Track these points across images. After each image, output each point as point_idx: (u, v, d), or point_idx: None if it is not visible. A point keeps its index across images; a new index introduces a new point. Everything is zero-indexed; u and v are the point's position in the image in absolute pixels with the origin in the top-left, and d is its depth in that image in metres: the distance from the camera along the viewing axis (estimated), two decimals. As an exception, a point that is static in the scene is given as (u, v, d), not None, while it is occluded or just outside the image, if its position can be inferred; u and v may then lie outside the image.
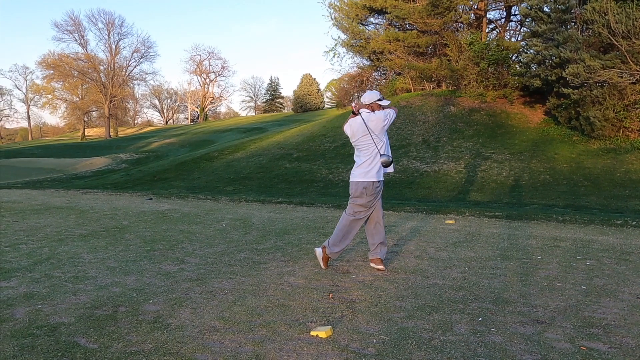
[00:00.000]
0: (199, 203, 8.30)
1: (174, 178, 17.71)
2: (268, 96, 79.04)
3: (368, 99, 4.00)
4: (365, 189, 3.85)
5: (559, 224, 5.93)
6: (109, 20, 57.81)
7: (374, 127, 3.85)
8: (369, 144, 3.86)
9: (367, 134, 3.85)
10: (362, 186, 3.86)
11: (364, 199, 3.87)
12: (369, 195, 3.86)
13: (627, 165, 12.24)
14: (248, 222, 6.31)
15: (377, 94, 4.01)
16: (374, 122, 3.85)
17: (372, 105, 3.95)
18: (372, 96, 4.00)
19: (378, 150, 3.85)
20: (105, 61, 60.21)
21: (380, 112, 3.90)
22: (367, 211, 3.92)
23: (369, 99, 4.00)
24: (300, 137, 21.11)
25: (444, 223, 6.08)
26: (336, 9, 25.57)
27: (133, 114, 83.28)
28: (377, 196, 3.94)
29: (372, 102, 3.96)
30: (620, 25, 12.34)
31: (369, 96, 4.02)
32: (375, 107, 3.95)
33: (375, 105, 3.96)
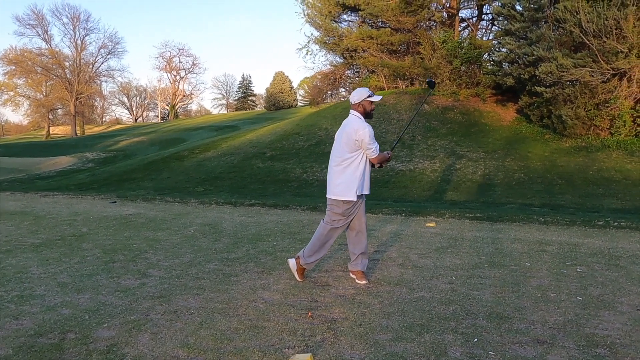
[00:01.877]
0: (166, 206, 7.84)
1: (142, 178, 17.04)
2: (240, 94, 78.01)
3: (357, 97, 3.65)
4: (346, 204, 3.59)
5: (541, 226, 5.77)
6: (74, 15, 55.77)
7: (346, 137, 3.56)
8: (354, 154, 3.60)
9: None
10: (346, 206, 3.58)
11: (343, 209, 3.60)
12: (349, 207, 3.60)
13: (599, 163, 12.35)
14: (218, 227, 5.92)
15: (367, 90, 3.65)
16: (347, 133, 3.55)
17: (363, 104, 3.62)
18: (361, 93, 3.64)
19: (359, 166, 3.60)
20: (70, 57, 58.08)
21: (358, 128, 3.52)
22: (346, 219, 3.62)
23: (358, 97, 3.64)
24: (274, 135, 20.69)
25: (424, 226, 5.84)
26: (309, 6, 25.21)
27: (101, 112, 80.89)
28: (359, 205, 3.66)
29: (362, 100, 3.61)
30: (591, 24, 12.43)
31: (357, 94, 3.65)
32: (366, 105, 3.62)
33: (366, 103, 3.62)
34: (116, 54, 71.26)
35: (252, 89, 78.24)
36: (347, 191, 3.57)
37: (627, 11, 12.12)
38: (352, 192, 3.55)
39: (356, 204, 3.61)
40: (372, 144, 3.52)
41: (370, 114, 3.66)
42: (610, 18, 12.11)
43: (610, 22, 12.17)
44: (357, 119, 3.60)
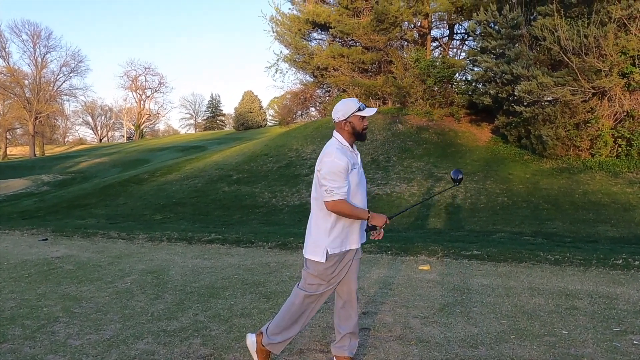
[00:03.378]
0: (107, 244, 6.58)
1: (95, 204, 15.53)
2: (209, 113, 76.49)
3: (342, 112, 2.63)
4: (320, 265, 2.60)
5: (554, 268, 4.86)
6: (34, 32, 53.44)
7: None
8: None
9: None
10: (321, 268, 2.58)
11: (318, 271, 2.59)
12: (327, 268, 2.59)
13: (584, 186, 11.76)
14: (164, 276, 4.75)
15: (355, 102, 2.64)
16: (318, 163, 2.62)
17: (351, 122, 2.62)
18: (348, 107, 2.63)
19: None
20: (30, 75, 55.58)
21: (324, 154, 2.59)
22: (327, 285, 2.59)
23: (343, 112, 2.63)
24: (241, 156, 19.53)
25: (417, 270, 4.83)
26: (278, 23, 24.45)
27: (63, 132, 77.73)
28: (346, 265, 2.64)
29: (349, 116, 2.61)
30: (570, 42, 11.99)
31: (342, 109, 2.64)
32: (355, 122, 2.63)
33: (355, 120, 2.63)
34: (79, 73, 68.62)
35: (221, 108, 76.94)
36: (314, 248, 2.59)
37: (606, 29, 11.74)
38: (320, 250, 2.56)
39: (339, 264, 2.58)
40: (331, 181, 2.49)
41: (362, 134, 2.66)
42: (590, 36, 11.69)
43: (591, 40, 11.74)
44: (334, 143, 2.62)
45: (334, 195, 2.49)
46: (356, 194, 2.59)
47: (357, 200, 2.61)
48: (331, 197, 2.48)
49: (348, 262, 2.63)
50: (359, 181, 2.60)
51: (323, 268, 2.56)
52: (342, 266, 2.60)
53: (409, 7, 19.70)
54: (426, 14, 20.32)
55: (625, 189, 11.26)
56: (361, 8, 21.72)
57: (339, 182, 2.49)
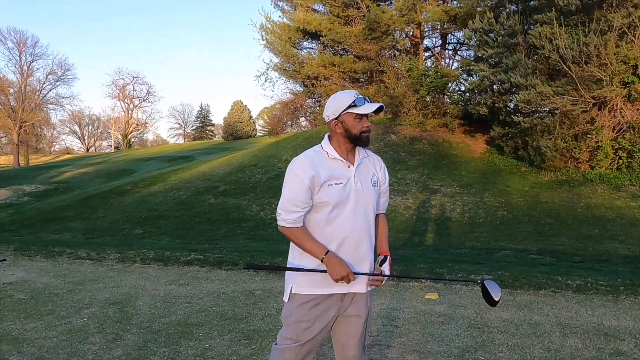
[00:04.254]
0: (71, 267, 5.86)
1: (73, 217, 14.72)
2: (198, 123, 75.66)
3: (332, 108, 2.02)
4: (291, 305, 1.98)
5: (580, 297, 4.27)
6: (20, 40, 52.44)
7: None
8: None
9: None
10: (298, 305, 1.95)
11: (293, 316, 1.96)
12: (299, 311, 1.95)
13: (586, 199, 11.27)
14: (129, 308, 4.06)
15: (349, 95, 2.02)
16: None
17: (343, 120, 1.98)
18: (340, 102, 2.00)
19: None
20: (15, 83, 54.53)
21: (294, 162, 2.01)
22: (297, 340, 1.92)
23: (333, 108, 2.02)
24: (229, 167, 18.85)
25: (424, 300, 4.20)
26: (268, 31, 23.95)
27: (49, 141, 76.34)
28: (332, 313, 1.98)
29: (341, 113, 1.99)
30: (570, 50, 11.58)
31: (333, 104, 2.03)
32: (348, 121, 1.99)
33: (347, 118, 1.99)
34: (66, 81, 67.27)
35: (211, 118, 76.18)
36: (286, 283, 2.03)
37: (606, 37, 11.36)
38: (287, 285, 2.01)
39: (311, 313, 1.92)
40: (282, 200, 1.98)
41: (360, 138, 2.02)
42: (590, 44, 11.29)
43: (591, 49, 11.34)
44: (313, 148, 2.07)
45: (280, 219, 1.97)
46: (334, 219, 1.93)
47: (334, 229, 1.92)
48: (285, 221, 1.95)
49: (330, 315, 1.94)
50: (341, 201, 1.93)
51: (287, 311, 1.96)
52: (315, 317, 1.91)
53: (402, 15, 19.31)
54: (419, 22, 19.96)
55: (630, 202, 10.79)
56: (353, 16, 21.30)
57: (290, 202, 1.93)
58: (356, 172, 2.00)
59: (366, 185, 2.02)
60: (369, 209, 2.02)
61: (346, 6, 21.24)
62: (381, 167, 2.15)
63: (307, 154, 2.01)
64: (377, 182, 2.08)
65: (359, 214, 1.97)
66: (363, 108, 1.97)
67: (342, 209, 1.94)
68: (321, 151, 2.02)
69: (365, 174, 2.04)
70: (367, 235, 2.00)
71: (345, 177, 1.98)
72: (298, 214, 1.92)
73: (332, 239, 1.94)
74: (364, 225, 1.98)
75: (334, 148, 2.01)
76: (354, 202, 1.96)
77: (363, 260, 1.97)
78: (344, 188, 1.95)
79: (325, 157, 1.99)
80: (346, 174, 1.98)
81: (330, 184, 1.93)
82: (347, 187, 1.96)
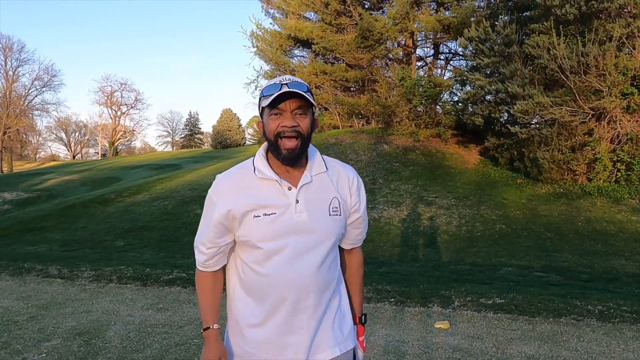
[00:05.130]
0: (39, 286, 5.30)
1: (52, 228, 14.05)
2: (187, 131, 74.91)
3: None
4: None
5: (605, 326, 3.85)
6: (6, 45, 51.64)
7: None
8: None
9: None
10: None
11: None
12: None
13: (585, 213, 10.95)
14: (97, 340, 3.53)
15: (270, 83, 1.46)
16: None
17: (263, 120, 1.49)
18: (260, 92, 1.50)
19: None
20: (0, 88, 53.57)
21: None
22: None
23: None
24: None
25: (435, 330, 3.74)
26: (258, 39, 23.58)
27: (35, 148, 74.97)
28: None
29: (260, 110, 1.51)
30: (568, 60, 11.32)
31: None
32: (265, 121, 1.47)
33: (265, 115, 1.47)
34: (52, 87, 66.19)
35: (200, 126, 75.56)
36: None
37: (605, 47, 11.13)
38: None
39: None
40: (197, 236, 1.57)
41: (276, 145, 1.43)
42: (589, 55, 11.04)
43: (590, 60, 11.09)
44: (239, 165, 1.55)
45: (197, 262, 1.57)
46: (265, 268, 1.40)
47: (266, 283, 1.40)
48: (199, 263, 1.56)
49: None
50: (272, 240, 1.39)
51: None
52: None
53: (395, 24, 19.06)
54: (412, 32, 19.72)
55: (631, 217, 10.48)
56: (345, 25, 21.03)
57: (198, 238, 1.52)
58: (300, 196, 1.41)
59: (318, 215, 1.42)
60: (322, 249, 1.42)
61: (338, 14, 20.98)
62: (351, 185, 1.52)
63: (231, 172, 1.49)
64: (339, 208, 1.46)
65: (303, 258, 1.39)
66: (269, 98, 1.38)
67: (276, 251, 1.39)
68: (250, 167, 1.47)
69: (318, 198, 1.44)
70: (318, 290, 1.41)
71: (281, 204, 1.40)
72: (204, 257, 1.49)
73: (262, 298, 1.41)
74: (311, 276, 1.40)
75: (267, 162, 1.45)
76: (294, 241, 1.39)
77: (306, 329, 1.41)
78: (276, 221, 1.38)
79: (253, 177, 1.44)
80: (282, 200, 1.41)
81: (256, 215, 1.39)
82: (283, 219, 1.39)
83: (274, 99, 1.36)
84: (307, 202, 1.42)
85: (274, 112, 1.39)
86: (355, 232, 1.62)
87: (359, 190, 1.57)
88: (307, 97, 1.37)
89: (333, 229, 1.45)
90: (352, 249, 1.66)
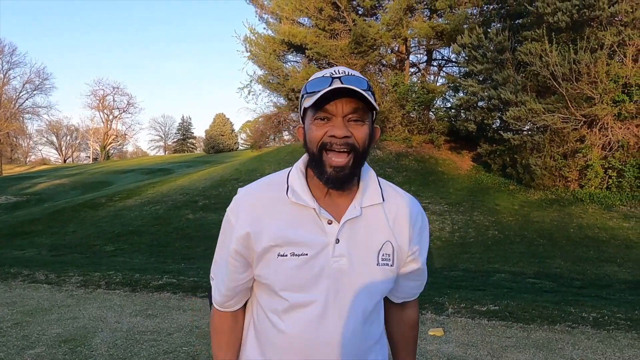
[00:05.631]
0: (25, 292, 5.19)
1: (41, 232, 13.85)
2: (179, 136, 74.62)
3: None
4: None
5: (599, 333, 3.82)
6: (-3, 47, 51.18)
7: None
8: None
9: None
10: None
11: None
12: None
13: (577, 219, 10.98)
14: (83, 348, 3.44)
15: (315, 77, 1.07)
16: None
17: (304, 126, 1.11)
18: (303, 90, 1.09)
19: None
20: (-10, 91, 53.12)
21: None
22: None
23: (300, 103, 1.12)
24: (209, 180, 18.21)
25: (429, 337, 3.69)
26: (252, 43, 23.56)
27: (25, 151, 74.29)
28: None
29: (302, 111, 1.11)
30: (560, 67, 11.39)
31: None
32: (307, 127, 1.09)
33: (307, 120, 1.08)
34: (43, 90, 65.74)
35: (192, 131, 75.28)
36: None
37: (596, 55, 11.22)
38: None
39: None
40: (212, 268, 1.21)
41: (320, 161, 1.06)
42: (581, 62, 11.12)
43: (582, 67, 11.17)
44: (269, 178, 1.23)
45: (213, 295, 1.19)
46: (287, 321, 1.07)
47: (285, 341, 1.07)
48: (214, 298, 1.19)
49: None
50: (299, 290, 1.06)
51: None
52: None
53: (388, 30, 19.13)
54: (405, 38, 19.80)
55: (622, 223, 10.53)
56: (339, 30, 21.07)
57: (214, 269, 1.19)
58: (342, 235, 1.07)
59: (362, 262, 1.08)
60: (362, 307, 1.08)
61: (332, 20, 21.02)
62: (413, 225, 1.14)
63: (256, 188, 1.15)
64: (391, 256, 1.10)
65: (335, 318, 1.06)
66: (314, 97, 1.01)
67: (301, 305, 1.06)
68: (282, 184, 1.13)
69: (366, 240, 1.09)
70: (352, 355, 1.07)
71: (316, 243, 1.06)
72: (222, 298, 1.15)
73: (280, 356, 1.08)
74: (344, 341, 1.06)
75: (306, 182, 1.11)
76: (326, 294, 1.06)
77: None
78: (306, 265, 1.05)
79: (285, 200, 1.09)
80: (318, 237, 1.07)
81: (281, 253, 1.05)
82: (316, 263, 1.05)
83: (320, 98, 1.00)
84: (351, 244, 1.07)
85: (320, 116, 1.03)
86: (409, 284, 1.21)
87: (422, 234, 1.18)
88: (366, 96, 1.00)
89: (380, 284, 1.09)
90: (404, 302, 1.25)
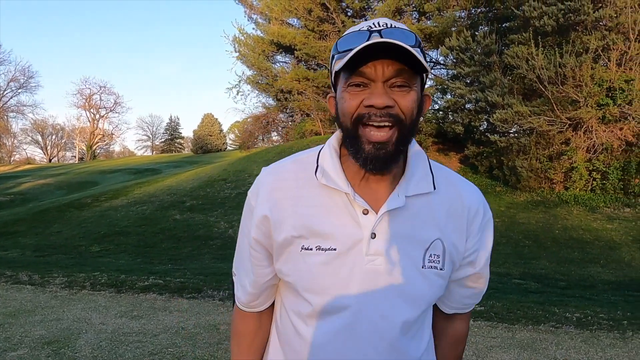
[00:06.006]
0: (8, 293, 5.10)
1: (25, 232, 13.65)
2: (167, 136, 74.05)
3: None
4: None
5: (583, 333, 3.88)
6: (-21, 45, 50.37)
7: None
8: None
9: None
10: None
11: None
12: None
13: (562, 220, 11.13)
14: (67, 350, 3.40)
15: (353, 29, 0.85)
16: None
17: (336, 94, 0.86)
18: (334, 49, 0.84)
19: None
20: (-27, 90, 52.31)
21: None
22: None
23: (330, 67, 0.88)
24: (197, 181, 18.09)
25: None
26: (241, 44, 23.51)
27: (9, 150, 73.16)
28: None
29: (332, 74, 0.87)
30: (545, 71, 11.55)
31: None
32: (338, 95, 0.84)
33: (339, 85, 0.84)
34: (28, 89, 64.73)
35: (180, 131, 74.71)
36: None
37: (581, 59, 11.39)
38: None
39: None
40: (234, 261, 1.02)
41: (356, 136, 0.81)
42: (567, 66, 11.28)
43: (567, 70, 11.34)
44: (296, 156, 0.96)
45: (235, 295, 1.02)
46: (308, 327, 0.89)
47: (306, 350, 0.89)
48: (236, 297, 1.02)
49: None
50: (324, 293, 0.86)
51: None
52: None
53: (377, 32, 19.22)
54: (394, 40, 19.92)
55: (606, 225, 10.69)
56: (328, 31, 21.13)
57: (235, 263, 1.02)
58: (380, 229, 0.86)
59: (403, 264, 0.86)
60: (404, 317, 0.88)
61: (321, 21, 21.08)
62: (472, 220, 0.92)
63: (282, 167, 0.94)
64: (441, 257, 0.88)
65: (370, 328, 0.86)
66: (352, 52, 0.77)
67: (328, 311, 0.87)
68: (311, 163, 0.90)
69: (410, 236, 0.88)
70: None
71: (347, 236, 0.86)
72: (247, 297, 0.97)
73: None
74: (378, 356, 0.87)
75: (339, 162, 0.88)
76: (359, 299, 0.86)
77: None
78: (334, 263, 0.86)
79: (313, 181, 0.88)
80: (350, 229, 0.86)
81: (305, 246, 0.87)
82: (346, 261, 0.86)
83: (353, 58, 0.77)
84: (390, 240, 0.85)
85: (355, 82, 0.80)
86: (463, 292, 0.98)
87: (484, 232, 0.94)
88: (414, 54, 0.77)
89: (427, 291, 0.88)
90: (454, 314, 1.02)
